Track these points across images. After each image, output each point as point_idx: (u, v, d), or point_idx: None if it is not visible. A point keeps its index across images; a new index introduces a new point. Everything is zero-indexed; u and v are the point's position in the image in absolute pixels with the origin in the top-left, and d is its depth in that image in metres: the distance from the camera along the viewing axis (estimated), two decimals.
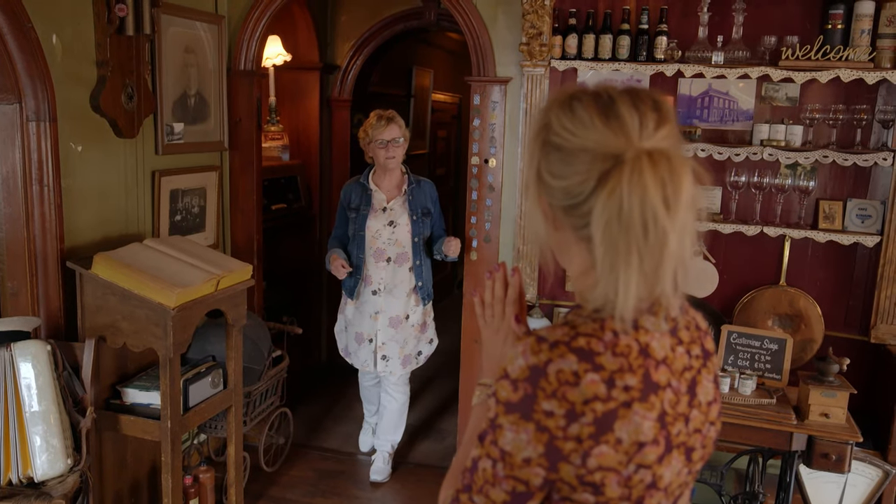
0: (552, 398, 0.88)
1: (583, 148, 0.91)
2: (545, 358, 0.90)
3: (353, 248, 3.55)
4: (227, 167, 3.83)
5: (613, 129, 0.90)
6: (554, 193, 0.95)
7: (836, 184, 3.20)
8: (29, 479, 2.42)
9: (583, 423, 0.88)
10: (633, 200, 0.86)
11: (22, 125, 2.63)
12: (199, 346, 3.17)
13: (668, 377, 0.95)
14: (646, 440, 0.90)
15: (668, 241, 0.88)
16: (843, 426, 2.64)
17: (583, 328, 0.93)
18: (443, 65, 6.90)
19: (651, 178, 0.86)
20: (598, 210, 0.88)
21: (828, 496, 2.92)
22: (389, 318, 3.57)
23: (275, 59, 4.35)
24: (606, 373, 0.89)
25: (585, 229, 0.92)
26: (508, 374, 0.93)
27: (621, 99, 0.92)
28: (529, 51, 3.27)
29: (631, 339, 0.92)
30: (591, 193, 0.90)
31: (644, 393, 0.91)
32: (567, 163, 0.92)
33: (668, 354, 0.96)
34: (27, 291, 2.73)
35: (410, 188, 3.56)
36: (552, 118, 0.95)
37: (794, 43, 3.01)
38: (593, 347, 0.90)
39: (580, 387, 0.88)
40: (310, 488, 3.64)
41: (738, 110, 3.27)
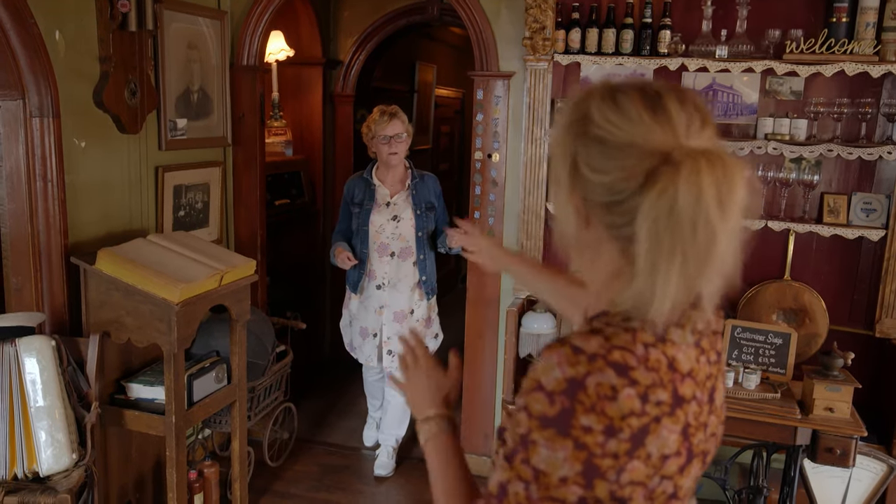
0: (591, 413, 0.84)
1: (630, 143, 0.88)
2: (584, 370, 0.85)
3: (357, 243, 3.55)
4: (231, 163, 3.83)
5: (661, 125, 0.87)
6: (593, 189, 0.91)
7: (840, 178, 3.18)
8: (34, 473, 2.43)
9: (620, 438, 0.85)
10: (688, 200, 0.83)
11: (25, 121, 2.64)
12: (203, 342, 3.17)
13: (694, 389, 0.93)
14: (670, 453, 0.89)
15: (716, 243, 0.85)
16: (847, 420, 2.64)
17: (616, 340, 0.88)
18: (446, 60, 6.89)
19: (708, 178, 0.83)
20: (645, 208, 0.85)
21: (832, 491, 2.91)
22: (394, 313, 3.57)
23: (277, 55, 4.35)
24: (641, 388, 0.86)
25: (625, 228, 0.88)
26: (543, 385, 0.87)
27: (668, 95, 0.90)
28: (532, 45, 3.26)
29: (660, 353, 0.89)
30: (636, 191, 0.87)
31: (672, 407, 0.89)
32: (610, 157, 0.89)
33: (693, 367, 0.94)
34: (31, 287, 2.73)
35: (414, 183, 3.56)
36: (593, 110, 0.91)
37: (798, 36, 2.99)
38: (628, 361, 0.87)
39: (618, 401, 0.85)
40: (314, 483, 3.65)
41: (742, 104, 3.25)
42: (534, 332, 3.25)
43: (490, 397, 3.74)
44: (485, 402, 3.75)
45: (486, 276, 3.64)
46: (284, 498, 3.51)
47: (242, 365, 3.14)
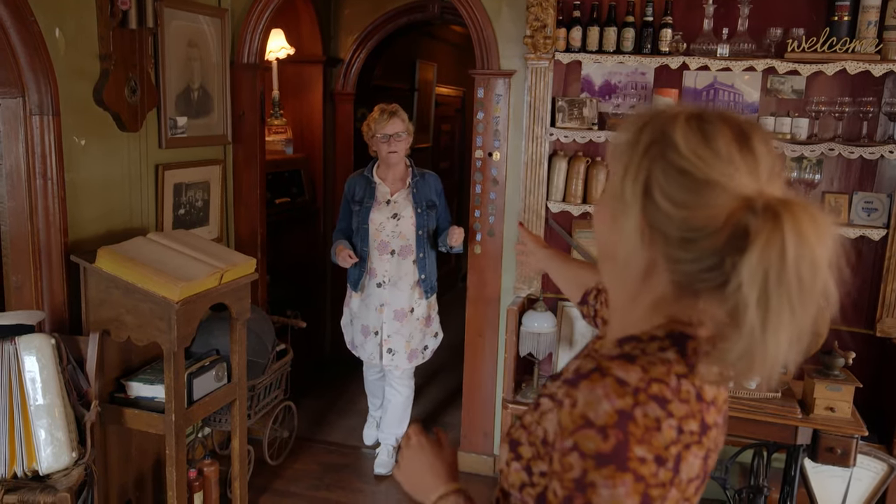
0: (643, 443, 0.84)
1: (716, 182, 0.85)
2: (631, 402, 0.85)
3: (357, 241, 3.55)
4: (231, 161, 3.82)
5: (749, 167, 0.85)
6: (666, 221, 0.88)
7: (842, 177, 3.18)
8: (34, 472, 2.42)
9: (667, 468, 0.85)
10: (796, 251, 0.79)
11: (25, 119, 2.63)
12: (204, 340, 3.17)
13: (716, 416, 0.93)
14: (693, 477, 0.90)
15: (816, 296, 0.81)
16: (848, 420, 2.64)
17: (654, 372, 0.88)
18: (446, 58, 6.89)
19: (810, 227, 0.80)
20: (752, 262, 0.80)
21: (833, 490, 2.91)
22: (394, 311, 3.57)
23: (278, 53, 4.34)
24: (676, 420, 0.87)
25: (688, 265, 0.87)
26: (593, 420, 0.85)
27: (756, 135, 0.87)
28: (534, 43, 3.25)
29: (689, 385, 0.89)
30: (713, 232, 0.84)
31: (700, 436, 0.89)
32: (693, 192, 0.85)
33: (715, 395, 0.94)
34: (31, 285, 2.73)
35: (414, 181, 3.55)
36: (678, 136, 0.87)
37: (800, 35, 2.99)
38: (665, 395, 0.87)
39: (662, 432, 0.85)
40: (314, 481, 3.65)
41: (743, 103, 3.25)
42: (534, 330, 3.25)
43: (490, 396, 3.73)
44: (485, 400, 3.74)
45: (487, 274, 3.64)
46: (284, 496, 3.51)
47: (242, 363, 3.14)
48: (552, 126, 3.36)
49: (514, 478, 1.00)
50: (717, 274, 0.86)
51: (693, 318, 0.94)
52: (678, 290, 0.92)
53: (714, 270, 0.86)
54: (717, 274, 0.86)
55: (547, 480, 0.93)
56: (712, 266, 0.86)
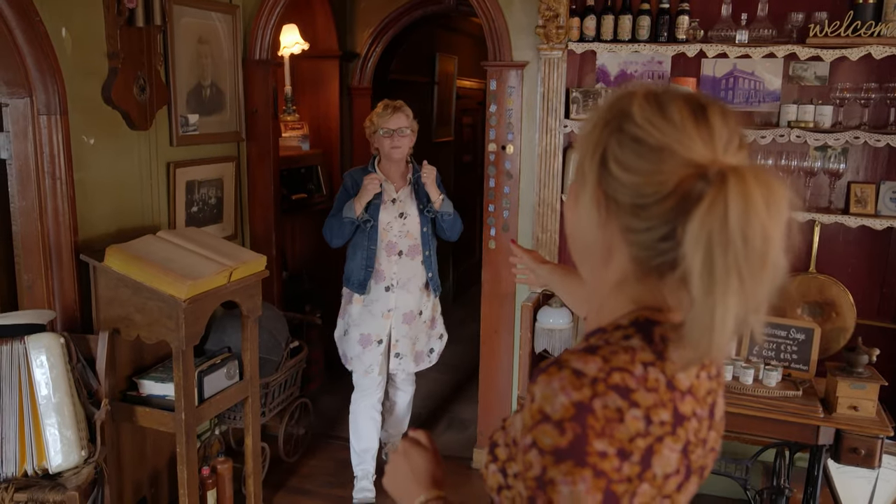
0: (603, 437, 0.80)
1: (667, 147, 0.84)
2: (589, 393, 0.81)
3: (363, 240, 3.35)
4: (245, 158, 3.82)
5: (702, 137, 0.84)
6: (618, 187, 0.88)
7: (868, 166, 3.06)
8: (44, 470, 2.44)
9: (632, 461, 0.82)
10: (740, 213, 0.77)
11: (33, 119, 2.64)
12: (217, 338, 3.17)
13: (694, 406, 0.89)
14: (671, 472, 0.86)
15: (768, 262, 0.80)
16: (872, 419, 2.53)
17: (615, 361, 0.84)
18: (467, 50, 6.81)
19: (757, 190, 0.78)
20: (694, 226, 0.79)
21: (858, 492, 2.81)
22: (403, 315, 3.43)
23: (292, 48, 4.32)
24: (642, 409, 0.83)
25: (642, 234, 0.86)
26: (549, 415, 0.82)
27: (713, 108, 0.87)
28: (546, 33, 3.18)
29: (658, 372, 0.85)
30: (662, 198, 0.84)
31: (674, 427, 0.85)
32: (644, 158, 0.85)
33: (693, 383, 0.90)
34: (42, 284, 2.74)
35: (416, 177, 3.41)
36: (634, 108, 0.87)
37: (822, 19, 2.88)
38: (628, 384, 0.83)
39: (625, 423, 0.81)
40: (329, 479, 3.63)
41: (764, 91, 3.14)
42: (549, 326, 3.19)
43: (506, 392, 3.69)
44: (501, 397, 3.69)
45: (502, 269, 3.58)
46: (299, 494, 3.50)
47: (255, 361, 3.13)
48: (566, 118, 3.28)
49: (492, 480, 0.98)
50: (672, 244, 0.84)
51: (662, 303, 0.91)
52: (639, 268, 0.90)
53: (668, 240, 0.84)
54: (671, 244, 0.84)
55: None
56: (665, 235, 0.84)
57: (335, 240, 3.38)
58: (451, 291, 6.52)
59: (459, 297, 6.65)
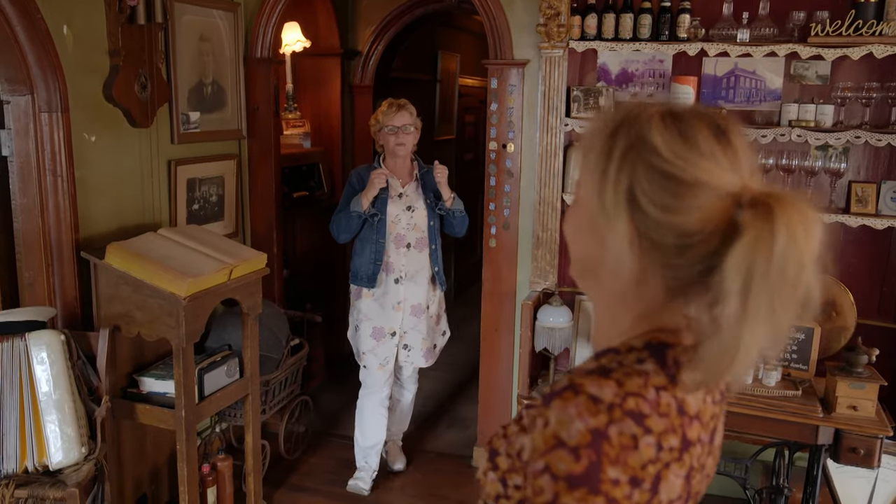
0: (616, 464, 0.79)
1: (702, 181, 0.81)
2: (605, 420, 0.80)
3: (372, 234, 3.38)
4: (246, 155, 3.82)
5: (731, 164, 0.82)
6: (658, 228, 0.84)
7: (869, 165, 3.05)
8: (44, 467, 2.45)
9: (643, 489, 0.80)
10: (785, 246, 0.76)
11: (34, 116, 2.65)
12: (217, 335, 3.18)
13: (699, 432, 0.88)
14: (674, 497, 0.85)
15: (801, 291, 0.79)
16: (872, 419, 2.53)
17: (629, 385, 0.83)
18: (469, 48, 6.81)
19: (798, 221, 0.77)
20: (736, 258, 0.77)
21: (858, 491, 2.81)
22: (411, 307, 3.45)
23: (294, 46, 4.32)
24: (655, 436, 0.82)
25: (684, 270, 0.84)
26: (565, 441, 0.80)
27: (734, 130, 0.85)
28: (547, 32, 3.18)
29: (670, 397, 0.84)
30: (709, 235, 0.81)
31: (681, 452, 0.84)
32: (680, 196, 0.82)
33: (700, 408, 0.88)
34: (43, 281, 2.75)
35: (421, 173, 3.47)
36: (656, 137, 0.83)
37: (824, 18, 2.87)
38: (642, 409, 0.81)
39: (639, 450, 0.80)
40: (329, 476, 3.64)
41: (765, 90, 3.14)
42: (549, 325, 3.19)
43: (506, 390, 3.69)
44: (501, 395, 3.70)
45: (502, 268, 3.58)
46: (299, 491, 3.51)
47: (255, 358, 3.13)
48: (567, 116, 3.28)
49: (491, 488, 0.96)
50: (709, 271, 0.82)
51: (678, 324, 0.90)
52: (670, 295, 0.88)
53: (709, 272, 0.82)
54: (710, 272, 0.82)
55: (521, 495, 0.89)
56: (709, 268, 0.82)
57: (343, 234, 3.39)
58: (453, 290, 6.52)
59: (460, 295, 6.65)
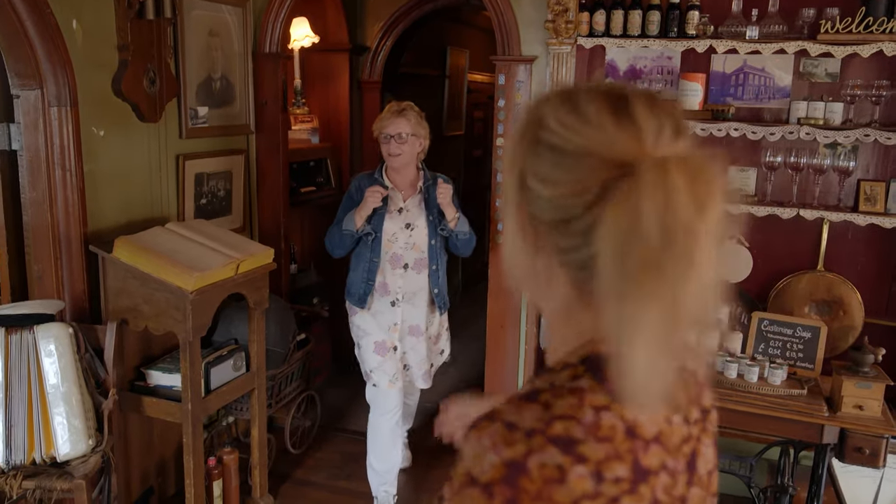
0: (539, 501, 0.67)
1: (587, 150, 0.73)
2: (523, 450, 0.69)
3: (366, 252, 3.14)
4: (254, 150, 3.83)
5: (626, 132, 0.73)
6: (540, 204, 0.77)
7: (878, 164, 3.03)
8: (52, 458, 2.47)
9: None
10: (655, 208, 0.67)
11: (44, 110, 2.67)
12: (224, 329, 3.20)
13: (663, 458, 0.75)
14: None
15: (692, 264, 0.67)
16: (878, 419, 2.52)
17: (557, 408, 0.71)
18: (478, 44, 6.80)
19: (680, 180, 0.67)
20: (605, 226, 0.69)
21: (863, 491, 2.80)
22: (409, 327, 3.24)
23: (303, 41, 4.32)
24: (592, 464, 0.69)
25: (574, 253, 0.75)
26: (476, 478, 0.70)
27: (637, 99, 0.75)
28: (555, 28, 3.17)
29: (615, 418, 0.71)
30: (589, 207, 0.72)
31: (633, 484, 0.71)
32: (563, 166, 0.74)
33: (662, 429, 0.76)
34: (52, 274, 2.77)
35: (426, 185, 3.16)
36: (547, 112, 0.77)
37: (833, 15, 2.85)
38: (573, 434, 0.70)
39: (568, 484, 0.68)
40: (335, 471, 3.66)
41: (774, 87, 3.12)
42: None
43: (512, 386, 3.69)
44: (506, 391, 3.69)
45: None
46: (305, 485, 3.53)
47: (261, 353, 3.15)
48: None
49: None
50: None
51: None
52: (580, 293, 0.78)
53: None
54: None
55: None
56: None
57: (336, 250, 3.22)
58: (460, 287, 6.52)
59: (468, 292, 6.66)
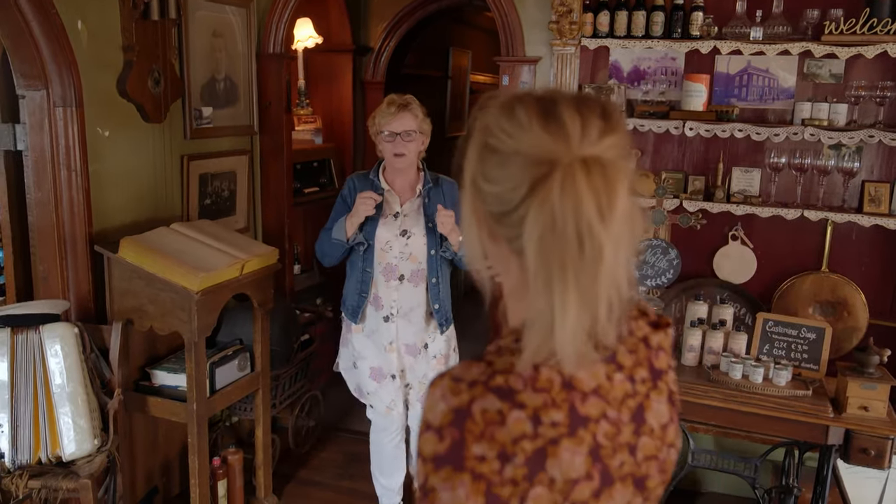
0: (482, 440, 0.80)
1: (517, 151, 0.83)
2: (467, 398, 0.81)
3: (358, 261, 2.86)
4: (258, 151, 3.83)
5: (552, 133, 0.82)
6: (486, 199, 0.88)
7: (883, 165, 3.03)
8: (58, 458, 2.48)
9: (516, 464, 0.80)
10: (567, 210, 0.79)
11: (49, 111, 2.67)
12: (229, 330, 3.20)
13: (603, 408, 0.86)
14: (578, 476, 0.83)
15: (603, 255, 0.79)
16: (883, 420, 2.52)
17: (499, 364, 0.84)
18: (481, 45, 6.81)
19: (584, 186, 0.79)
20: (529, 221, 0.81)
21: (868, 492, 2.80)
22: (405, 346, 2.93)
23: (306, 42, 4.33)
24: (529, 409, 0.81)
25: (518, 241, 0.84)
26: (431, 423, 0.83)
27: (564, 102, 0.85)
28: (559, 29, 3.17)
29: (553, 373, 0.83)
30: (521, 201, 0.82)
31: (572, 428, 0.83)
32: (501, 166, 0.85)
33: (601, 384, 0.87)
34: (57, 275, 2.78)
35: (427, 189, 2.86)
36: (491, 119, 0.87)
37: (838, 16, 2.85)
38: (512, 385, 0.82)
39: (507, 426, 0.80)
40: (338, 471, 3.66)
41: (778, 88, 3.12)
42: None
43: None
44: None
45: None
46: (308, 485, 3.53)
47: (266, 353, 3.15)
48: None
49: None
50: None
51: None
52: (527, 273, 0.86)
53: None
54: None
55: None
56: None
57: (326, 259, 2.93)
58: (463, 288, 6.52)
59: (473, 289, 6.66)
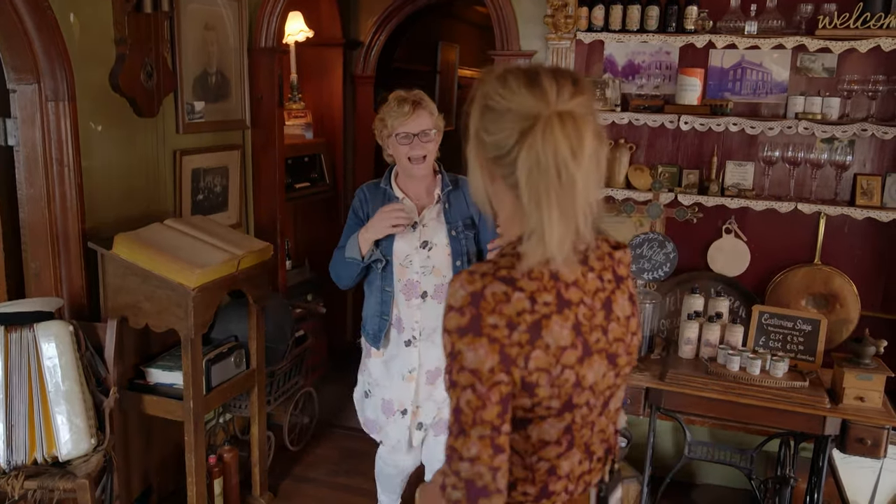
0: (494, 313, 1.08)
1: (509, 109, 1.12)
2: (480, 285, 1.10)
3: (376, 280, 2.55)
4: (250, 146, 3.80)
5: (534, 95, 1.11)
6: (486, 147, 1.16)
7: (875, 158, 3.07)
8: (54, 458, 2.44)
9: (520, 331, 1.09)
10: (547, 152, 1.08)
11: (41, 105, 2.62)
12: (223, 326, 3.17)
13: (581, 296, 1.17)
14: (566, 344, 1.13)
15: (576, 184, 1.08)
16: (879, 410, 2.55)
17: (502, 262, 1.14)
18: (469, 39, 6.79)
19: (559, 133, 1.07)
20: (520, 161, 1.09)
21: (862, 482, 2.84)
22: (427, 373, 2.58)
23: (297, 36, 4.30)
24: (527, 292, 1.11)
25: (512, 177, 1.12)
26: (453, 305, 1.11)
27: (544, 72, 1.14)
28: (554, 23, 3.17)
29: (542, 267, 1.13)
30: (513, 146, 1.11)
31: (559, 307, 1.13)
32: (496, 121, 1.14)
33: (578, 278, 1.18)
34: (50, 272, 2.73)
35: (446, 192, 2.53)
36: (489, 87, 1.16)
37: (831, 10, 2.87)
38: (513, 276, 1.11)
39: (511, 302, 1.09)
40: (333, 467, 3.65)
41: (771, 82, 3.14)
42: None
43: None
44: None
45: None
46: (304, 482, 3.51)
47: (261, 350, 3.13)
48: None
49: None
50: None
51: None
52: (519, 203, 1.14)
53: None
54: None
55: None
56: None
57: (341, 280, 2.61)
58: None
59: None
